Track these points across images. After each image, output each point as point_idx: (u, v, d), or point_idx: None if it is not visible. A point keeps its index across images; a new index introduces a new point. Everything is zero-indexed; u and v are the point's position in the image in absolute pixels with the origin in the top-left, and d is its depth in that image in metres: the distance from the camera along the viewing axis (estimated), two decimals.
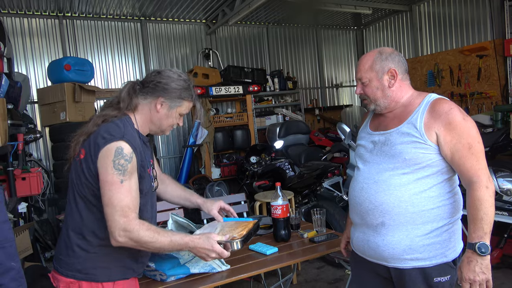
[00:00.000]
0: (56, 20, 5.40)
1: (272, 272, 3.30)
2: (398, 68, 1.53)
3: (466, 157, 1.39)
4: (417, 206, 1.44)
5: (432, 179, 1.46)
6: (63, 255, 1.47)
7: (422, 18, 6.56)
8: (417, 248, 1.45)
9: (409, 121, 1.48)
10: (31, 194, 3.68)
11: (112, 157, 1.35)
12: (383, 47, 1.66)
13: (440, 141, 1.42)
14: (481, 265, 1.33)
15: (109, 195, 1.34)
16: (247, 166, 4.90)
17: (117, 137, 1.38)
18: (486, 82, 5.33)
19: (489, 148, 3.77)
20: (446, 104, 1.44)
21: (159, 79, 1.52)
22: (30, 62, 5.26)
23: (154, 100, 1.52)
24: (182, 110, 1.57)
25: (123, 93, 1.53)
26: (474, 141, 1.40)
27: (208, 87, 5.70)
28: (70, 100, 4.53)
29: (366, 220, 1.55)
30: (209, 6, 5.75)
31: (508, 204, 2.88)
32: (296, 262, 2.22)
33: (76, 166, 1.44)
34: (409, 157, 1.44)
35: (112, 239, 1.37)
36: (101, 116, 1.47)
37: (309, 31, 7.45)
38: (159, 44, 6.16)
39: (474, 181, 1.38)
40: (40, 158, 5.21)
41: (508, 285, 3.01)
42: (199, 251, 1.50)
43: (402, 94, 1.55)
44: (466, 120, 1.41)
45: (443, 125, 1.41)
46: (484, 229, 1.33)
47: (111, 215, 1.34)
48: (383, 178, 1.50)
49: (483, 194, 1.35)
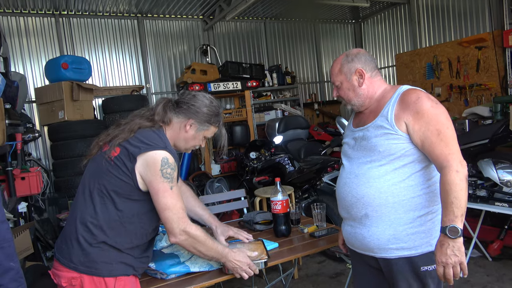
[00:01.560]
0: (52, 18, 5.37)
1: (273, 268, 3.31)
2: (365, 67, 1.59)
3: (435, 144, 1.42)
4: (397, 196, 1.49)
5: (409, 168, 1.49)
6: (66, 244, 1.50)
7: (420, 10, 6.53)
8: (401, 237, 1.49)
9: (382, 114, 1.53)
10: (31, 194, 3.66)
11: (160, 167, 1.47)
12: (351, 49, 1.71)
13: (409, 130, 1.46)
14: (453, 248, 1.35)
15: (165, 201, 1.48)
16: (247, 162, 4.89)
17: (160, 146, 1.50)
18: (485, 73, 5.31)
19: (488, 139, 3.76)
20: (414, 94, 1.48)
21: (193, 102, 1.64)
22: (27, 61, 5.23)
23: (185, 121, 1.63)
24: (207, 134, 1.70)
25: (158, 107, 1.63)
26: (442, 127, 1.42)
27: (207, 83, 5.68)
28: (68, 99, 4.52)
29: (351, 214, 1.60)
30: (206, 2, 5.72)
31: (508, 196, 2.88)
32: (296, 257, 2.22)
33: (104, 163, 1.51)
34: (383, 149, 1.49)
35: (173, 237, 1.52)
36: (137, 123, 1.57)
37: (307, 25, 7.42)
38: (157, 41, 6.13)
39: (444, 166, 1.40)
40: (40, 157, 5.20)
41: (509, 276, 3.02)
42: (234, 264, 1.64)
43: (374, 90, 1.61)
44: (434, 107, 1.44)
45: (411, 114, 1.45)
46: (454, 213, 1.35)
47: (171, 217, 1.49)
48: (363, 172, 1.55)
49: (453, 178, 1.36)
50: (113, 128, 1.62)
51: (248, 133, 5.92)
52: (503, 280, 2.97)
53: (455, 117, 5.45)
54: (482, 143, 3.80)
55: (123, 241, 1.51)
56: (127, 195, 1.50)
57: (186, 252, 1.80)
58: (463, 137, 4.02)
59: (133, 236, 1.53)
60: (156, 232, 1.69)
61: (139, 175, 1.48)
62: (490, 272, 3.11)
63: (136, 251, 1.56)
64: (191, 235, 1.53)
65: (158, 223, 1.62)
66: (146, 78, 6.03)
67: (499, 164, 3.13)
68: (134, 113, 1.66)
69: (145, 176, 1.48)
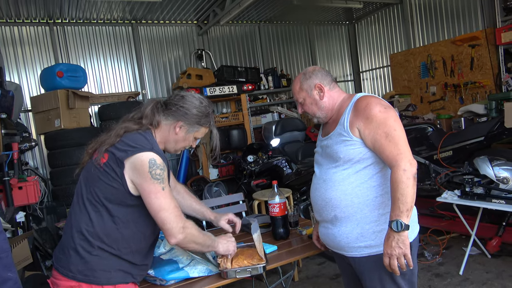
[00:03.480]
0: (46, 27, 5.37)
1: (273, 270, 3.30)
2: (323, 81, 1.70)
3: (384, 145, 1.51)
4: (361, 196, 1.59)
5: (370, 170, 1.59)
6: (64, 254, 1.50)
7: (413, 10, 6.57)
8: (368, 235, 1.59)
9: (340, 122, 1.64)
10: (29, 203, 3.65)
11: (148, 168, 1.44)
12: (306, 68, 1.83)
13: (362, 135, 1.56)
14: (398, 240, 1.44)
15: (158, 203, 1.46)
16: (245, 166, 4.90)
17: (147, 148, 1.48)
18: (479, 71, 5.34)
19: (484, 137, 3.78)
20: (365, 101, 1.59)
21: (182, 104, 1.61)
22: (22, 70, 5.22)
23: (174, 123, 1.62)
24: (198, 135, 1.68)
25: (147, 110, 1.61)
26: (390, 129, 1.50)
27: (202, 88, 5.69)
28: (64, 107, 4.52)
29: (323, 216, 1.71)
30: (199, 7, 5.73)
31: (505, 192, 2.89)
32: (295, 259, 2.23)
33: (93, 170, 1.50)
34: (343, 155, 1.59)
35: (172, 238, 1.49)
36: (123, 128, 1.55)
37: (301, 28, 7.45)
38: (151, 47, 6.14)
39: (393, 165, 1.49)
40: (37, 166, 5.18)
41: (508, 272, 3.02)
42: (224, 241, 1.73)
43: (334, 101, 1.71)
44: (382, 111, 1.53)
45: (362, 120, 1.55)
46: (400, 208, 1.44)
47: (168, 217, 1.47)
48: (329, 176, 1.66)
49: (400, 177, 1.45)
50: (103, 134, 1.60)
51: (245, 136, 5.92)
52: (502, 276, 2.98)
53: (451, 115, 5.48)
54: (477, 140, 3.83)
55: (121, 246, 1.50)
56: (120, 201, 1.49)
57: (185, 258, 1.80)
58: (459, 135, 4.04)
59: (131, 240, 1.52)
60: (156, 236, 1.67)
61: (129, 180, 1.46)
62: (489, 269, 3.12)
63: (136, 257, 1.55)
64: (190, 233, 1.53)
65: (155, 226, 1.58)
66: (142, 84, 6.04)
67: (495, 161, 3.14)
68: (124, 117, 1.65)
69: (134, 180, 1.46)
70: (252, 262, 1.75)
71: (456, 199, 3.04)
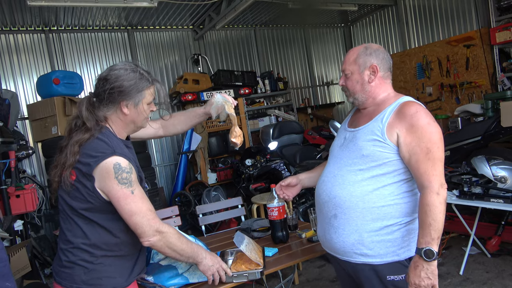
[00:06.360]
0: (42, 34, 5.37)
1: (273, 274, 3.30)
2: (381, 65, 1.56)
3: (422, 161, 1.40)
4: (368, 202, 1.48)
5: (387, 178, 1.48)
6: (65, 267, 1.47)
7: (407, 11, 6.60)
8: (366, 244, 1.49)
9: (376, 119, 1.52)
10: (27, 211, 3.63)
11: (114, 174, 1.38)
12: (371, 43, 1.67)
13: (400, 142, 1.44)
14: (427, 270, 1.35)
15: (129, 208, 1.41)
16: (243, 169, 4.89)
17: (108, 153, 1.40)
18: (475, 71, 5.36)
19: (481, 136, 3.79)
20: (413, 107, 1.46)
21: (110, 85, 1.46)
22: (18, 78, 5.21)
23: (117, 107, 1.49)
24: (148, 100, 1.53)
25: (83, 112, 1.48)
26: (433, 146, 1.40)
27: (199, 93, 5.69)
28: (61, 114, 4.50)
29: (322, 212, 1.62)
30: (195, 12, 5.74)
31: (503, 192, 2.90)
32: (295, 262, 2.22)
33: (67, 191, 1.45)
34: (366, 153, 1.48)
35: (145, 240, 1.44)
36: (75, 143, 1.44)
37: (297, 31, 7.47)
38: (148, 52, 6.14)
39: (425, 185, 1.39)
40: (34, 174, 5.16)
41: (508, 271, 3.02)
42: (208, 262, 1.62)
43: (380, 91, 1.58)
44: (430, 124, 1.42)
45: (405, 126, 1.43)
46: (431, 235, 1.35)
47: (140, 222, 1.42)
48: (341, 173, 1.56)
49: (433, 200, 1.36)
50: (58, 155, 1.50)
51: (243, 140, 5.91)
52: (502, 276, 2.98)
53: (448, 116, 5.50)
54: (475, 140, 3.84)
55: (122, 247, 1.51)
56: (102, 211, 1.45)
57: (184, 263, 1.79)
58: (456, 135, 4.06)
59: (131, 240, 1.52)
60: None
61: (100, 191, 1.41)
62: (489, 269, 3.12)
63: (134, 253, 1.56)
64: (164, 234, 1.46)
65: None
66: None
67: (493, 160, 3.16)
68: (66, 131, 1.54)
69: (103, 188, 1.40)
70: (250, 267, 1.75)
71: (454, 199, 3.04)
